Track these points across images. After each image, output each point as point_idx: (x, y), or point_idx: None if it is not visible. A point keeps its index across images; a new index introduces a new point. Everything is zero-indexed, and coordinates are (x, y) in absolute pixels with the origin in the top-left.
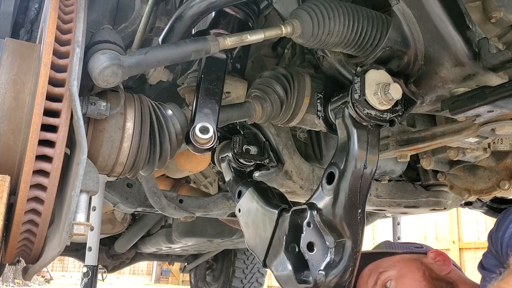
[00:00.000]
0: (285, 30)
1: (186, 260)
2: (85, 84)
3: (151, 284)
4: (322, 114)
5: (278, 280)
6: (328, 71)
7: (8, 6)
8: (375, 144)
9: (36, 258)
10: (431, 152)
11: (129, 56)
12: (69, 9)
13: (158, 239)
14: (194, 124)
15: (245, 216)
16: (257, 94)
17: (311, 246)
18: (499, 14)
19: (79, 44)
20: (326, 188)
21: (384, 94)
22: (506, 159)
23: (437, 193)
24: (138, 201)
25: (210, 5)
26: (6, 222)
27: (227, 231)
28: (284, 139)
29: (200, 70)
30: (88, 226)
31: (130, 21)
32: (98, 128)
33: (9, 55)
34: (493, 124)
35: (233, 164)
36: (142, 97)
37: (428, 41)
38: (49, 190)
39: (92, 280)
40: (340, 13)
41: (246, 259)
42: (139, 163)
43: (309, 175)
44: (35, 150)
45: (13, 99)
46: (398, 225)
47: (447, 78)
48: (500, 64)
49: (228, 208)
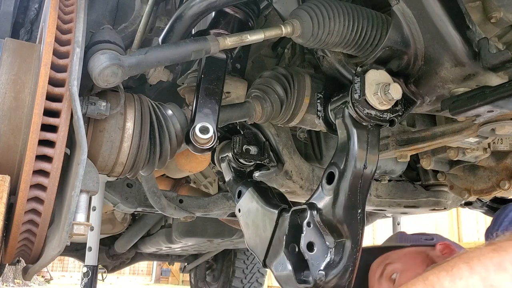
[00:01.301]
0: (285, 30)
1: (186, 260)
2: (85, 84)
3: (151, 284)
4: (322, 114)
5: (278, 280)
6: (328, 71)
7: (8, 6)
8: (375, 144)
9: (36, 258)
10: (431, 152)
11: (129, 56)
12: (69, 9)
13: (158, 239)
14: (194, 124)
15: (245, 216)
16: (257, 94)
17: (311, 246)
18: (499, 14)
19: (79, 44)
20: (326, 188)
21: (384, 94)
22: (506, 159)
23: (437, 193)
24: (138, 201)
25: (210, 5)
26: (6, 222)
27: (227, 231)
28: (284, 139)
29: (200, 70)
30: (88, 226)
31: (130, 21)
32: (98, 128)
33: (9, 55)
34: (493, 124)
35: (233, 164)
36: (142, 97)
37: (428, 41)
38: (49, 190)
39: (92, 280)
40: (340, 13)
41: (246, 259)
42: (139, 163)
43: (309, 175)
44: (35, 150)
45: (13, 99)
46: (398, 225)
47: (447, 78)
48: (500, 64)
49: (228, 208)
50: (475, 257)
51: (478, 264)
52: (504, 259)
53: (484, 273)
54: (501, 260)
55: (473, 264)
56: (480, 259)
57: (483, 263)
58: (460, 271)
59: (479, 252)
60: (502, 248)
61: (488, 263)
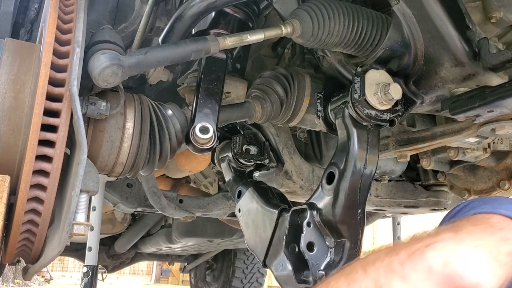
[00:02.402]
0: (285, 30)
1: (186, 260)
2: (85, 84)
3: (151, 284)
4: (322, 114)
5: (278, 280)
6: (328, 71)
7: (8, 6)
8: (375, 144)
9: (36, 258)
10: (431, 152)
11: (129, 56)
12: (69, 9)
13: (158, 239)
14: (194, 124)
15: (245, 216)
16: (257, 94)
17: (311, 246)
18: (499, 14)
19: (79, 44)
20: (326, 188)
21: (384, 94)
22: (506, 159)
23: (437, 193)
24: (138, 201)
25: (210, 5)
26: (6, 222)
27: (227, 231)
28: (284, 139)
29: (200, 70)
30: (88, 226)
31: (130, 21)
32: (98, 128)
33: (9, 55)
34: (493, 124)
35: (233, 164)
36: (142, 97)
37: (428, 41)
38: (49, 190)
39: (92, 280)
40: (340, 13)
41: (246, 259)
42: (139, 163)
43: (309, 175)
44: (35, 150)
45: (13, 99)
46: (398, 225)
47: (447, 78)
48: (500, 64)
49: (228, 208)
50: (371, 261)
51: (371, 268)
52: (393, 260)
53: (375, 275)
54: (390, 262)
55: (368, 267)
56: (374, 262)
57: (376, 266)
58: (357, 275)
59: (376, 255)
60: (395, 251)
61: (380, 266)
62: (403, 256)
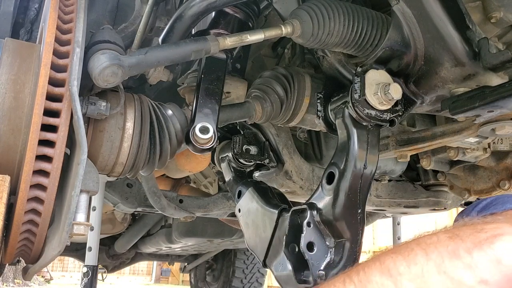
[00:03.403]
0: (285, 30)
1: (186, 260)
2: (85, 84)
3: (151, 284)
4: (322, 114)
5: (278, 280)
6: (328, 71)
7: (8, 6)
8: (375, 144)
9: (36, 258)
10: (431, 152)
11: (129, 56)
12: (69, 9)
13: (158, 239)
14: (194, 124)
15: (245, 216)
16: (257, 94)
17: (311, 246)
18: (499, 14)
19: (79, 44)
20: (326, 188)
21: (384, 94)
22: (506, 159)
23: (437, 193)
24: (138, 201)
25: (210, 5)
26: (6, 222)
27: (227, 231)
28: (284, 139)
29: (200, 70)
30: (88, 226)
31: (130, 21)
32: (98, 128)
33: (9, 55)
34: (493, 124)
35: (233, 164)
36: (142, 97)
37: (428, 41)
38: (49, 190)
39: (92, 280)
40: (340, 13)
41: (246, 259)
42: (139, 163)
43: (309, 175)
44: (35, 150)
45: (13, 99)
46: (398, 225)
47: (447, 78)
48: (500, 64)
49: (228, 208)
50: (432, 243)
51: (434, 251)
52: (459, 247)
53: (438, 260)
54: (455, 248)
55: (429, 250)
56: (436, 246)
57: (438, 250)
58: (417, 257)
59: (436, 238)
60: (459, 237)
61: (443, 251)
62: (469, 244)
